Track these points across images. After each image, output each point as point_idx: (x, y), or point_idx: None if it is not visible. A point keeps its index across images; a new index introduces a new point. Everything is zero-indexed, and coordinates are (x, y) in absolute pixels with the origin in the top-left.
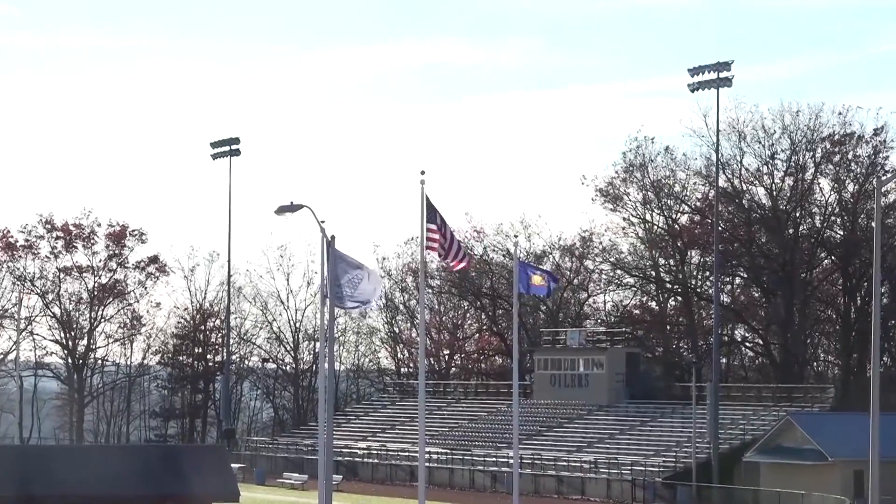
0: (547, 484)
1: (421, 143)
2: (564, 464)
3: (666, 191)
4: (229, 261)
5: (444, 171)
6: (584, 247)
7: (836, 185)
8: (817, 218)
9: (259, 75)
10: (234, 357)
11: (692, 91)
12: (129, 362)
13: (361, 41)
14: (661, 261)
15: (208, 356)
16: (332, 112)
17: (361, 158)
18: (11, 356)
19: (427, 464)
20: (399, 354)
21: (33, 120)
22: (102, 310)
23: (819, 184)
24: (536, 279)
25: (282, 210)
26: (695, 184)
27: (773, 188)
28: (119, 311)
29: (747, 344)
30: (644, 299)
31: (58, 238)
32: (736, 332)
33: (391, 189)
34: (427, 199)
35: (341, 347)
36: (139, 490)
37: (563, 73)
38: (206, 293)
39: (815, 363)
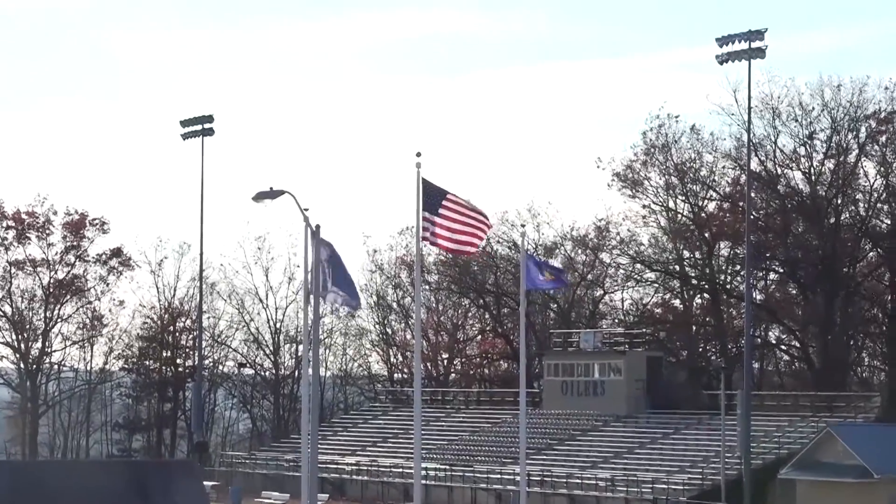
0: None
1: (417, 122)
2: (577, 481)
3: (691, 175)
4: (201, 254)
5: (442, 153)
6: (600, 238)
7: (882, 169)
8: (861, 205)
9: (236, 45)
10: (206, 362)
11: (720, 63)
12: (88, 368)
13: (352, 8)
14: (686, 253)
15: (178, 360)
16: (319, 87)
17: (350, 139)
18: None
19: (423, 481)
20: (392, 359)
21: None
22: (59, 308)
23: (863, 167)
24: (548, 275)
25: (260, 196)
26: (724, 167)
27: (812, 172)
28: (78, 309)
29: (783, 347)
30: (667, 297)
31: (8, 228)
32: (770, 333)
33: (383, 173)
34: (424, 182)
35: (327, 351)
36: None
37: (577, 46)
38: (175, 290)
39: (858, 368)
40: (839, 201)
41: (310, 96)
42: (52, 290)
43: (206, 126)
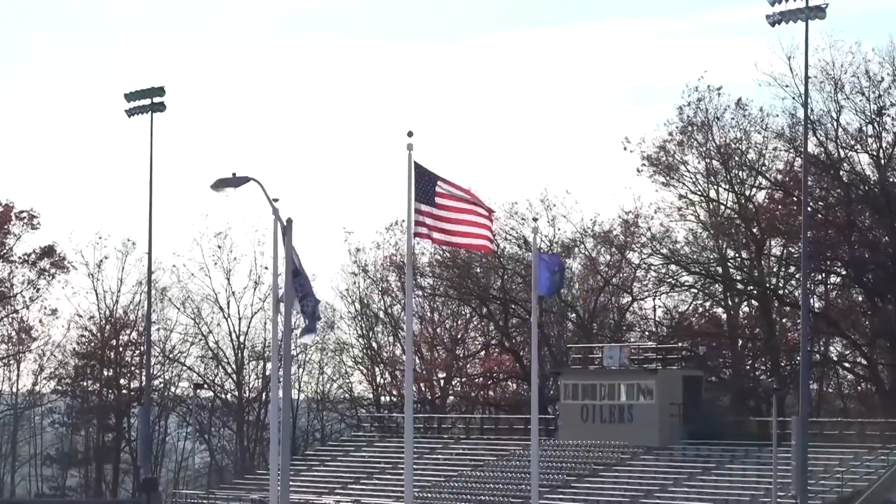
0: None
1: (409, 97)
2: None
3: (737, 159)
4: (150, 253)
5: (438, 134)
6: (627, 234)
7: None
8: None
9: (191, 4)
10: (156, 382)
11: (772, 25)
12: (14, 390)
13: None
14: (731, 253)
15: (121, 381)
16: (290, 54)
17: (329, 117)
18: None
19: None
20: (378, 379)
21: None
22: None
23: None
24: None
25: (221, 184)
26: (775, 149)
27: (882, 155)
28: (1, 320)
29: (846, 364)
30: (707, 304)
31: None
32: (831, 348)
33: (368, 157)
34: (417, 167)
35: (301, 369)
36: None
37: (601, 4)
38: (118, 297)
39: None
40: None
41: (280, 65)
42: None
43: (156, 100)
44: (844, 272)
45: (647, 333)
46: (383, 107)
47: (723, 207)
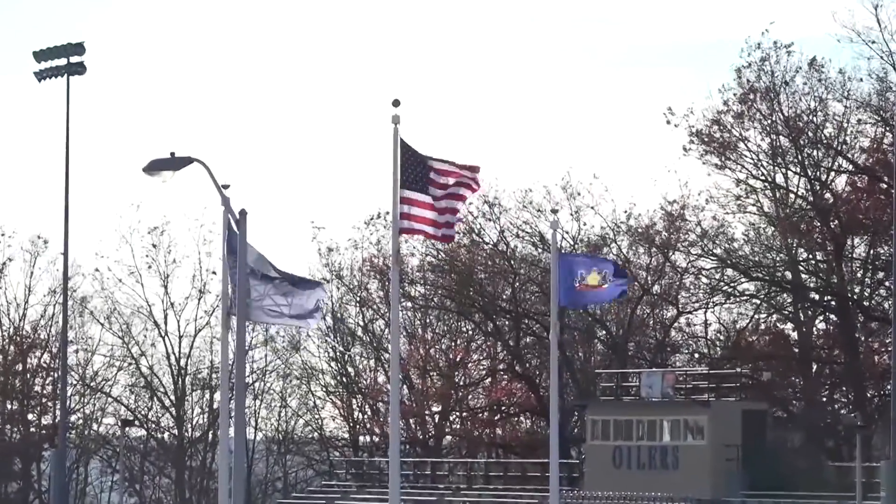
0: None
1: (393, 58)
2: None
3: (810, 134)
4: (66, 254)
5: (430, 105)
6: (671, 230)
7: None
8: None
9: None
10: (73, 418)
11: None
12: None
13: None
14: (803, 254)
15: (30, 417)
16: (242, 5)
17: (291, 84)
18: None
19: None
20: (357, 413)
21: None
22: None
23: None
24: (592, 278)
25: (157, 167)
26: (859, 122)
27: None
28: None
29: None
30: (773, 319)
31: None
32: None
33: (342, 135)
34: (404, 146)
35: (258, 401)
36: None
37: None
38: (25, 310)
39: None
40: None
41: (231, 18)
42: None
43: (74, 60)
44: None
45: (696, 356)
46: (362, 70)
47: (792, 196)
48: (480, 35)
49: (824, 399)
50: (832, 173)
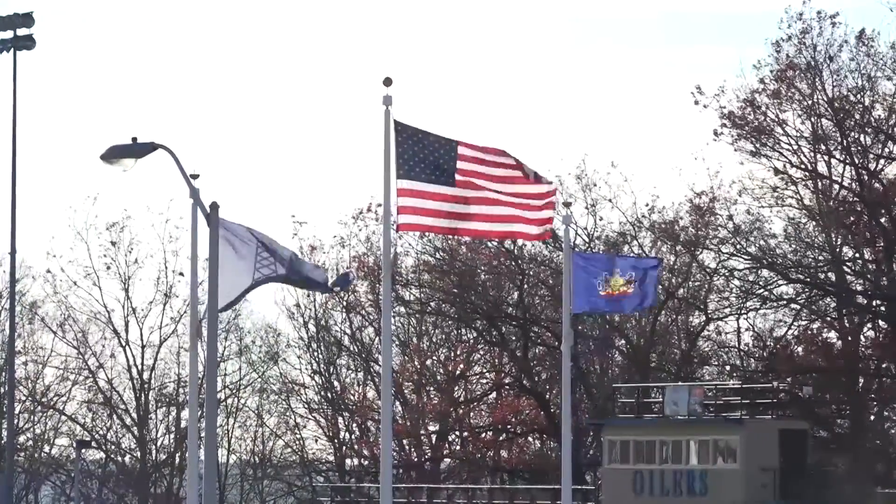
0: None
1: (386, 34)
2: None
3: (857, 117)
4: (13, 253)
5: (427, 86)
6: (699, 225)
7: None
8: None
9: None
10: (21, 439)
11: None
12: None
13: None
14: (848, 252)
15: None
16: None
17: (269, 62)
18: None
19: None
20: (343, 434)
21: None
22: None
23: None
24: (616, 282)
25: (116, 154)
26: None
27: None
28: None
29: None
30: (815, 326)
31: None
32: None
33: (327, 119)
34: (399, 127)
35: (231, 419)
36: None
37: None
38: None
39: None
40: None
41: None
42: None
43: (21, 32)
44: None
45: (727, 368)
46: (351, 47)
47: (837, 187)
48: (486, 11)
49: (872, 417)
50: (882, 161)
